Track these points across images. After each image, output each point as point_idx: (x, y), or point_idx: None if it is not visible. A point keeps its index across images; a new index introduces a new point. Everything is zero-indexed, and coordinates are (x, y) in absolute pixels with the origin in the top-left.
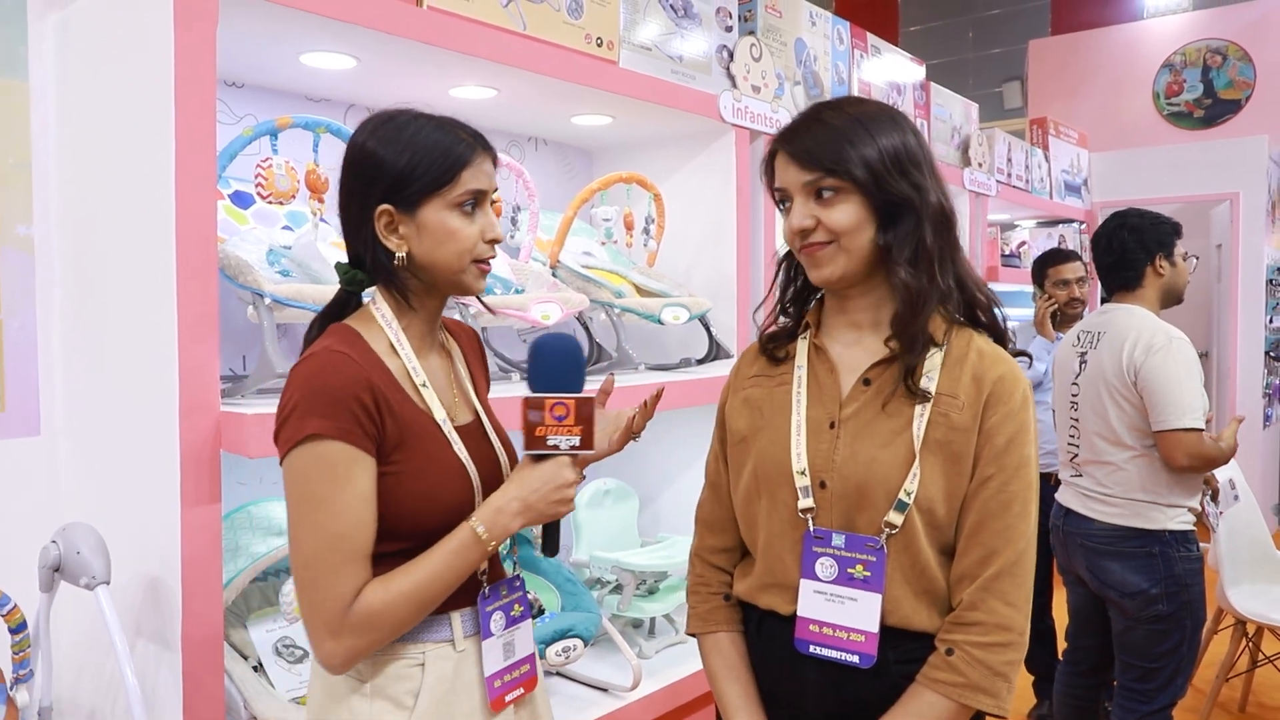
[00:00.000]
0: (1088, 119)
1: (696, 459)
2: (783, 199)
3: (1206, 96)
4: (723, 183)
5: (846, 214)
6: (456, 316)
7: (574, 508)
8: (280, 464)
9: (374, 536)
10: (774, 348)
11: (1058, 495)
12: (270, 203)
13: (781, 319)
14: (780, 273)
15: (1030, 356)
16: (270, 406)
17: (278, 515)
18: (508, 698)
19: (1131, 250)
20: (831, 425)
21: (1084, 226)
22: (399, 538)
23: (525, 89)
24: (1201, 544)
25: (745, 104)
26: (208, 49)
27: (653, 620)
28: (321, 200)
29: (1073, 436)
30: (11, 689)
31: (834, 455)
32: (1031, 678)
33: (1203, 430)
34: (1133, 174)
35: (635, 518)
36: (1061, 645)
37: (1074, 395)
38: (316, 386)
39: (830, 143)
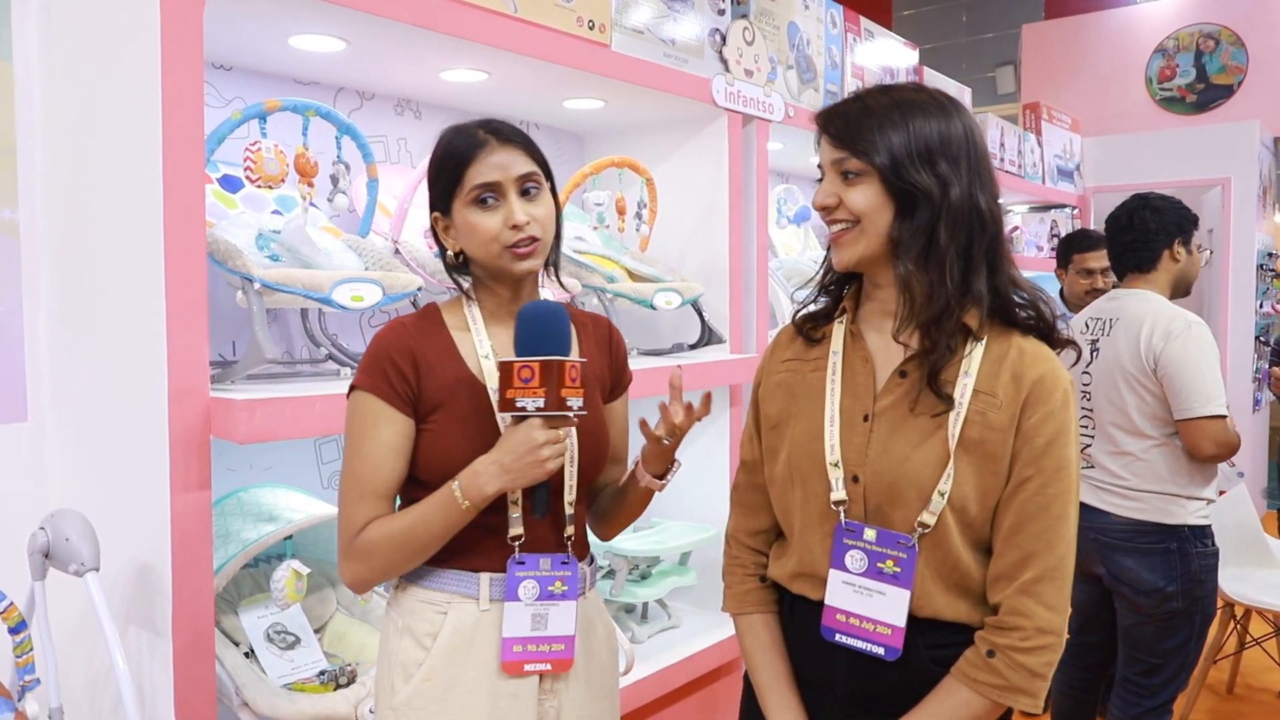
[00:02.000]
0: (1080, 104)
1: (690, 443)
2: (822, 175)
3: (1199, 81)
4: (715, 167)
5: (864, 196)
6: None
7: (551, 470)
8: None
9: (394, 481)
10: (810, 329)
11: None
12: (259, 186)
13: (821, 298)
14: (828, 253)
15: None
16: (261, 392)
17: (268, 501)
18: (526, 666)
19: (1152, 230)
20: (865, 418)
21: (1076, 211)
22: (427, 487)
23: (517, 72)
24: None
25: (738, 88)
26: (195, 30)
27: (645, 605)
28: (311, 184)
29: (1083, 426)
30: (19, 700)
31: (867, 449)
32: None
33: (1227, 416)
34: (1125, 159)
35: None
36: None
37: (1085, 385)
38: (370, 349)
39: (861, 125)
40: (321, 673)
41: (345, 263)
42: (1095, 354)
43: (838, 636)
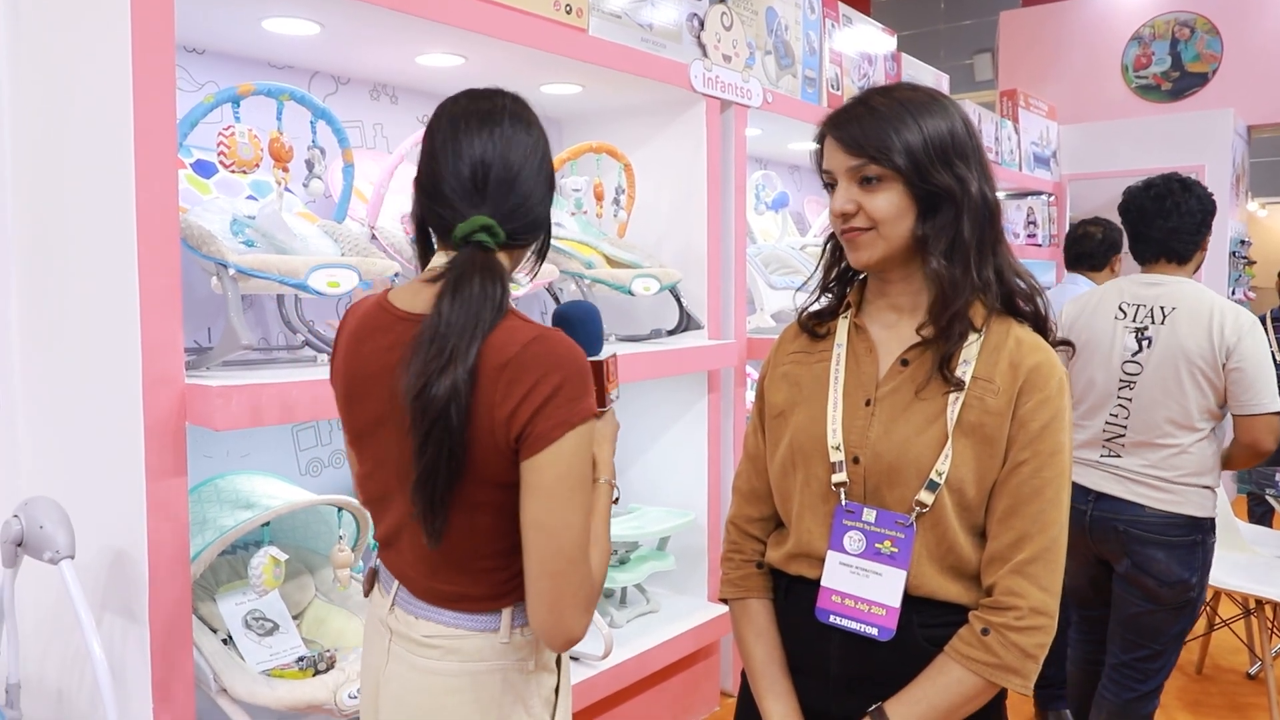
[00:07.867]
0: (1057, 91)
1: (667, 429)
2: (829, 181)
3: (1174, 69)
4: (693, 153)
5: (887, 202)
6: None
7: None
8: (545, 446)
9: None
10: (815, 325)
11: (1077, 478)
12: (233, 172)
13: (824, 297)
14: (826, 252)
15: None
16: (237, 379)
17: (245, 488)
18: None
19: (1196, 216)
20: (867, 403)
21: (1052, 199)
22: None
23: (493, 57)
24: None
25: (716, 74)
26: (166, 13)
27: (624, 590)
28: (286, 169)
29: (1115, 416)
30: None
31: (868, 432)
32: None
33: None
34: (1101, 146)
35: None
36: None
37: (1132, 374)
38: (580, 366)
39: (876, 130)
40: (300, 659)
41: (321, 248)
42: (1146, 343)
43: (832, 618)
